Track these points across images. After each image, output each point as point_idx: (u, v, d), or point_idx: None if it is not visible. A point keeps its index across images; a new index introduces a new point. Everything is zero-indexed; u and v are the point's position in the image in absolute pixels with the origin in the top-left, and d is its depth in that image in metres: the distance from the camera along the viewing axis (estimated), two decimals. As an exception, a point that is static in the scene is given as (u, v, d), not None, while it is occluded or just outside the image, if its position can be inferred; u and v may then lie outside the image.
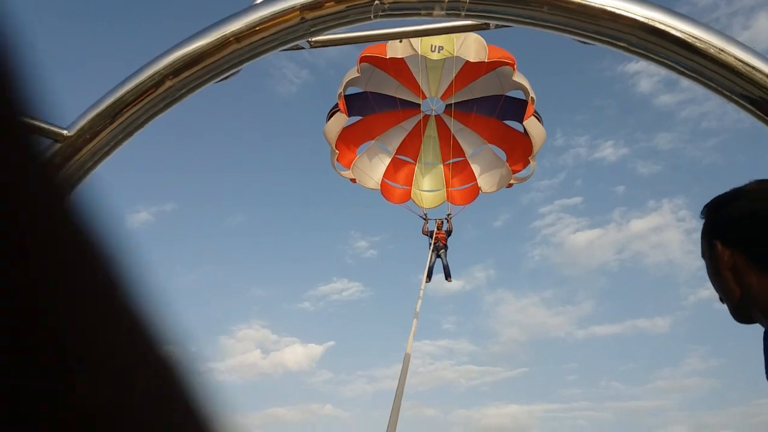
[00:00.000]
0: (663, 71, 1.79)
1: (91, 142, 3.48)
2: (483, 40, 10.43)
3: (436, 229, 12.91)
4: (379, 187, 12.64)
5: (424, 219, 13.08)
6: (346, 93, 11.17)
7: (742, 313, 1.73)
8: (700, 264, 1.94)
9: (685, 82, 1.73)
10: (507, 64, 10.80)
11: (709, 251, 1.79)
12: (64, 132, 3.23)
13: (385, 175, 12.66)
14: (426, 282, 11.99)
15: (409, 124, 12.54)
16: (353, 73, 10.76)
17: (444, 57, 10.51)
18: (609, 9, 1.79)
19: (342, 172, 12.04)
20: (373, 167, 12.52)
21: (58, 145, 3.30)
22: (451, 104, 11.96)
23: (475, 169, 12.75)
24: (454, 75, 11.29)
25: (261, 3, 3.06)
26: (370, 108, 11.83)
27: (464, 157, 12.84)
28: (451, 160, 12.78)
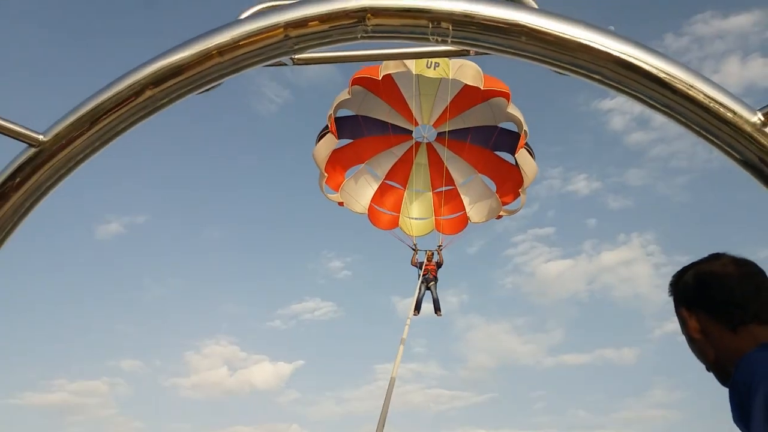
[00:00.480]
0: (637, 105, 1.80)
1: (67, 148, 3.44)
2: (479, 67, 10.37)
3: (425, 261, 12.77)
4: (366, 212, 12.52)
5: (414, 250, 12.89)
6: (337, 115, 11.09)
7: (723, 374, 1.73)
8: (666, 298, 1.95)
9: (659, 117, 1.74)
10: (502, 95, 10.74)
11: (680, 321, 1.84)
12: (40, 137, 3.19)
13: (373, 200, 12.51)
14: (414, 314, 11.82)
15: (399, 150, 12.47)
16: (344, 95, 10.62)
17: (440, 76, 10.34)
18: (585, 42, 1.81)
19: (330, 195, 11.93)
20: (361, 191, 12.40)
21: (32, 150, 3.26)
22: (443, 132, 11.92)
23: (465, 198, 12.70)
24: (448, 101, 11.20)
25: (245, 18, 3.05)
26: (361, 131, 11.72)
27: (454, 185, 12.79)
28: (441, 189, 12.72)
